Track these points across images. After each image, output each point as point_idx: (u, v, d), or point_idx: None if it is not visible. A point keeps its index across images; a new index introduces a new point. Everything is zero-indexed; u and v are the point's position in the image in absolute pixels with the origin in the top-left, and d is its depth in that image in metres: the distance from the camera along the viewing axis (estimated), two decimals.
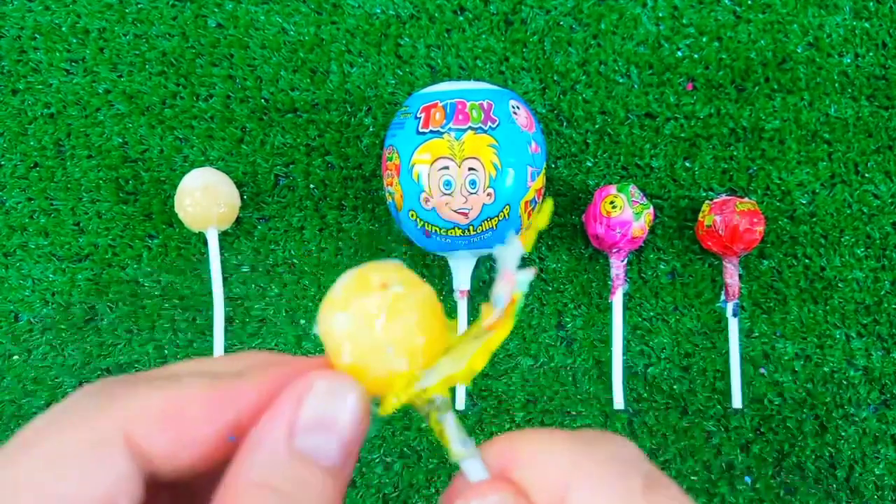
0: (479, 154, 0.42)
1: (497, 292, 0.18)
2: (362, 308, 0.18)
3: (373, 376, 0.18)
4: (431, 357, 0.18)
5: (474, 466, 0.18)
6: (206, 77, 0.51)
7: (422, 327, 0.18)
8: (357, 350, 0.18)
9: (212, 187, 0.48)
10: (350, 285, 0.18)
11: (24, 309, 0.51)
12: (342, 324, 0.18)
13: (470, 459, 0.18)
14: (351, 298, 0.18)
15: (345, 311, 0.18)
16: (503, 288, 0.18)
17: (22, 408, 0.50)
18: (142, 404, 0.16)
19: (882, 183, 0.50)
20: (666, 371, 0.49)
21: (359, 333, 0.18)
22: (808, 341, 0.49)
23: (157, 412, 0.16)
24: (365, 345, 0.18)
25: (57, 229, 0.51)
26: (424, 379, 0.18)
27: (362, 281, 0.18)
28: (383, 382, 0.18)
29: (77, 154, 0.52)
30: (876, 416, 0.48)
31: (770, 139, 0.50)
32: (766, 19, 0.51)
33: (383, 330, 0.18)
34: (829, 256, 0.49)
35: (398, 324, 0.18)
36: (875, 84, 0.50)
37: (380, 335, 0.18)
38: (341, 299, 0.18)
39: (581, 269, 0.50)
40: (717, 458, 0.48)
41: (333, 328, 0.18)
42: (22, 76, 0.52)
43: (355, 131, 0.51)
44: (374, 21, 0.51)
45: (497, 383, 0.49)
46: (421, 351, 0.18)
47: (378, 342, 0.18)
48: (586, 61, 0.51)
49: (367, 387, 0.18)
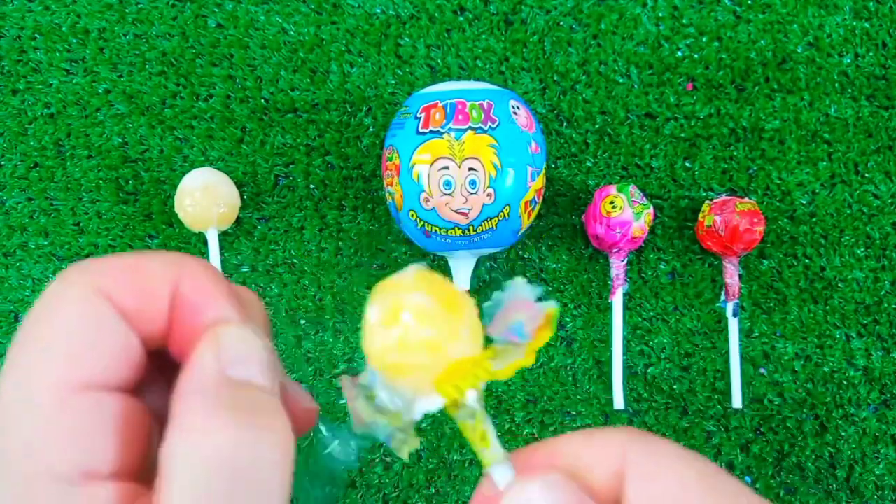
0: (479, 154, 0.42)
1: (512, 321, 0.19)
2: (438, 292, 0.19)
3: (446, 358, 0.18)
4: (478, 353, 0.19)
5: (505, 472, 0.18)
6: (206, 77, 0.51)
7: (477, 323, 0.19)
8: (435, 329, 0.18)
9: (212, 187, 0.48)
10: (418, 276, 0.19)
11: (24, 309, 0.51)
12: (420, 302, 0.18)
13: (503, 464, 0.18)
14: (422, 284, 0.19)
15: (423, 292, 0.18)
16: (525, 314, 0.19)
17: None
18: (110, 264, 0.18)
19: (882, 183, 0.50)
20: (666, 371, 0.49)
21: (437, 313, 0.18)
22: (808, 341, 0.49)
23: (120, 266, 0.18)
24: (443, 324, 0.18)
25: (57, 229, 0.51)
26: (495, 363, 0.19)
27: (425, 275, 0.19)
28: (457, 365, 0.18)
29: (77, 154, 0.52)
30: (876, 416, 0.48)
31: (770, 139, 0.50)
32: (766, 19, 0.51)
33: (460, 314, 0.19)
34: (829, 256, 0.49)
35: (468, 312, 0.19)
36: (875, 84, 0.50)
37: (457, 317, 0.19)
38: (413, 283, 0.19)
39: (581, 269, 0.50)
40: (717, 458, 0.48)
41: (409, 306, 0.18)
42: (22, 76, 0.52)
43: (355, 131, 0.51)
44: (374, 21, 0.51)
45: (497, 383, 0.49)
46: (480, 343, 0.19)
47: (455, 324, 0.18)
48: (586, 61, 0.51)
49: (431, 370, 0.18)
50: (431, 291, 0.18)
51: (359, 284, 0.50)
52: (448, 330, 0.18)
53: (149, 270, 0.18)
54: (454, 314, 0.18)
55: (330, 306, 0.50)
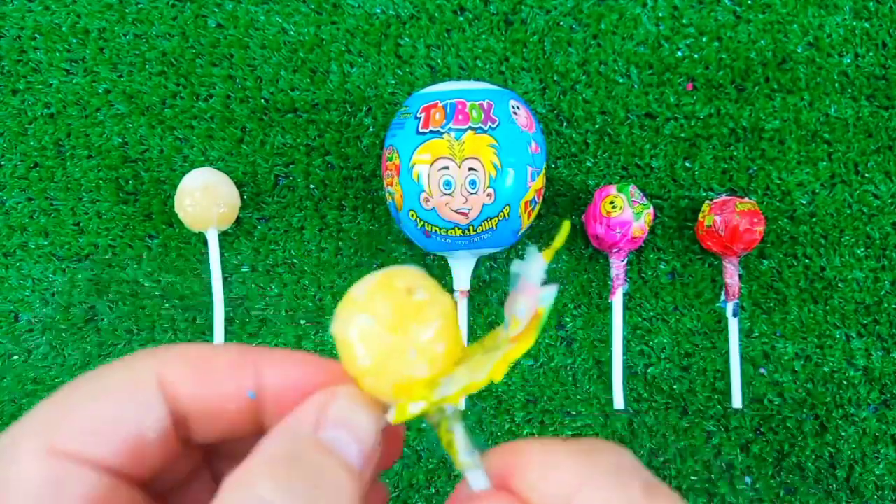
0: (479, 154, 0.42)
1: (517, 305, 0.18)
2: (387, 310, 0.18)
3: (392, 380, 0.18)
4: (448, 366, 0.18)
5: (478, 476, 0.18)
6: (206, 77, 0.51)
7: (442, 335, 0.18)
8: (377, 353, 0.18)
9: (212, 187, 0.48)
10: (374, 288, 0.18)
11: (24, 309, 0.51)
12: (365, 325, 0.18)
13: (475, 469, 0.18)
14: (375, 300, 0.18)
15: (368, 313, 0.18)
16: (525, 302, 0.18)
17: (22, 408, 0.50)
18: (174, 352, 0.18)
19: (882, 183, 0.50)
20: (666, 371, 0.49)
21: (381, 336, 0.18)
22: (808, 341, 0.49)
23: (187, 357, 0.18)
24: (386, 348, 0.18)
25: (57, 229, 0.51)
26: (444, 387, 0.18)
27: (387, 284, 0.18)
28: (401, 388, 0.18)
29: (77, 154, 0.52)
30: (876, 416, 0.48)
31: (770, 139, 0.50)
32: (766, 19, 0.51)
33: (408, 334, 0.18)
34: (829, 256, 0.49)
35: (421, 329, 0.18)
36: (875, 84, 0.50)
37: (403, 339, 0.18)
38: (364, 301, 0.18)
39: (581, 269, 0.50)
40: (717, 458, 0.48)
41: (354, 329, 0.18)
42: (22, 76, 0.52)
43: (355, 131, 0.51)
44: (374, 21, 0.51)
45: (497, 383, 0.49)
46: (441, 358, 0.18)
47: (401, 346, 0.18)
48: (586, 61, 0.51)
49: (383, 391, 0.18)
50: (375, 312, 0.18)
51: None
52: (389, 351, 0.18)
53: (216, 366, 0.18)
54: (400, 334, 0.18)
55: (330, 306, 0.50)
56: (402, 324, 0.18)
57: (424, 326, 0.18)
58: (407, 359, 0.18)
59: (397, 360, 0.18)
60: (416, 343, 0.18)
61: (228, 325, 0.50)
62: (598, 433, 0.49)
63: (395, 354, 0.18)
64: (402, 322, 0.18)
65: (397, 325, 0.18)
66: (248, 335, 0.50)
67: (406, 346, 0.18)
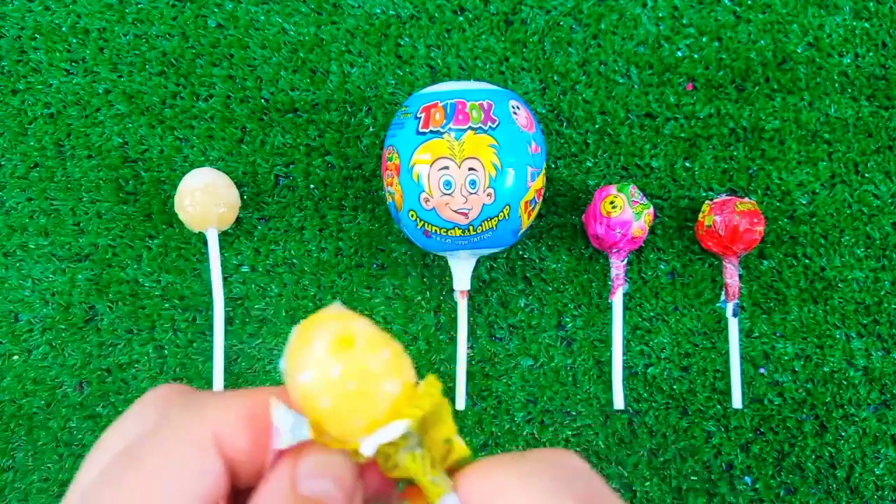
0: (479, 154, 0.42)
1: None
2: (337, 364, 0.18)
3: (350, 424, 0.18)
4: (398, 409, 0.19)
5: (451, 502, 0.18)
6: (206, 77, 0.51)
7: (392, 374, 0.19)
8: (336, 398, 0.18)
9: (212, 187, 0.48)
10: (330, 341, 0.18)
11: (24, 309, 0.51)
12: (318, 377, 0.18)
13: (447, 496, 0.18)
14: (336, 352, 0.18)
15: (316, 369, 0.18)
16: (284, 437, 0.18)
17: (22, 408, 0.50)
18: (228, 409, 0.18)
19: (882, 183, 0.50)
20: (666, 371, 0.49)
21: (337, 384, 0.18)
22: (808, 341, 0.49)
23: (241, 414, 0.18)
24: (344, 392, 0.18)
25: (57, 229, 0.51)
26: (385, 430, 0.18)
27: (343, 338, 0.18)
28: (361, 430, 0.18)
29: (77, 154, 0.52)
30: (876, 416, 0.48)
31: (770, 139, 0.50)
32: (766, 19, 0.51)
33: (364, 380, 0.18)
34: (829, 256, 0.49)
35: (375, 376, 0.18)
36: (875, 84, 0.50)
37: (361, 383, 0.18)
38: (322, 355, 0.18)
39: (581, 269, 0.50)
40: (717, 458, 0.48)
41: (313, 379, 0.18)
42: (22, 76, 0.52)
43: (355, 131, 0.51)
44: (374, 21, 0.51)
45: (497, 383, 0.49)
46: (392, 397, 0.19)
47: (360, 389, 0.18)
48: (586, 61, 0.51)
49: (340, 433, 0.18)
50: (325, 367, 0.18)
51: (359, 284, 0.50)
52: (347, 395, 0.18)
53: (267, 419, 0.18)
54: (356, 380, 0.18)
55: None
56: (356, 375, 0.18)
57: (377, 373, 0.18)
58: (368, 400, 0.18)
59: (356, 402, 0.18)
60: (375, 387, 0.18)
61: (228, 324, 0.50)
62: (598, 433, 0.49)
63: (354, 398, 0.18)
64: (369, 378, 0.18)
65: (349, 376, 0.18)
66: (248, 335, 0.50)
67: (364, 389, 0.18)
